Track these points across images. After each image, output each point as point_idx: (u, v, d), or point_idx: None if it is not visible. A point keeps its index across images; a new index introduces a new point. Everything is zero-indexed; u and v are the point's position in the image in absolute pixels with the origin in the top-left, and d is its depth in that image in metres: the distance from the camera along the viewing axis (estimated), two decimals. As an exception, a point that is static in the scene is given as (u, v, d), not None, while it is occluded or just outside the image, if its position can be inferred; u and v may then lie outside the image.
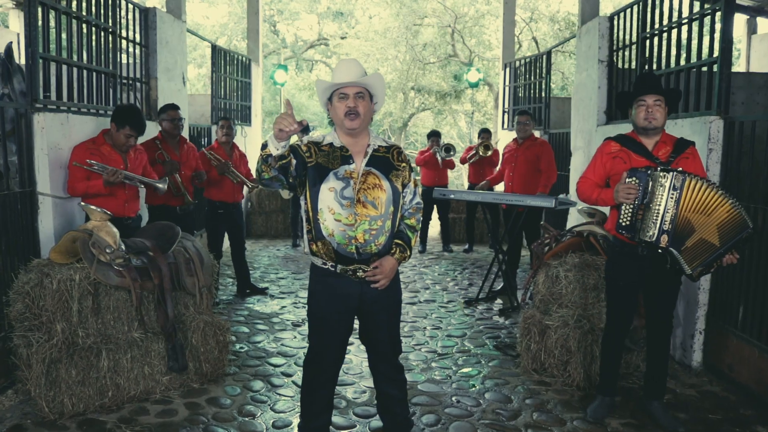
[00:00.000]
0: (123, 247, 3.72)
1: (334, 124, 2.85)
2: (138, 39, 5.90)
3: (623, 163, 3.41)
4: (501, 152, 8.79)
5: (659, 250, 3.25)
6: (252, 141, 10.05)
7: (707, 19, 4.45)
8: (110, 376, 3.59)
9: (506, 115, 10.42)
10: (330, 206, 2.71)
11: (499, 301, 6.19)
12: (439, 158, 8.45)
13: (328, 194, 2.71)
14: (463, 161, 8.74)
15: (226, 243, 7.32)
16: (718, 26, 4.26)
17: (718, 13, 4.26)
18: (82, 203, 3.81)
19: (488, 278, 6.34)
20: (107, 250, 3.61)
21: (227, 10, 21.49)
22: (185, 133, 6.50)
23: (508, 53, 10.87)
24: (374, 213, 2.73)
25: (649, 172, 3.22)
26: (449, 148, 8.52)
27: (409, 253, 2.88)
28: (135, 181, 4.41)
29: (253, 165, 9.39)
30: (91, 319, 3.55)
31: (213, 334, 4.01)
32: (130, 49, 5.79)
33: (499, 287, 6.37)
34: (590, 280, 4.08)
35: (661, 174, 3.18)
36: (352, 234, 2.70)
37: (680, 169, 3.20)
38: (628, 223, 3.28)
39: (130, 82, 5.80)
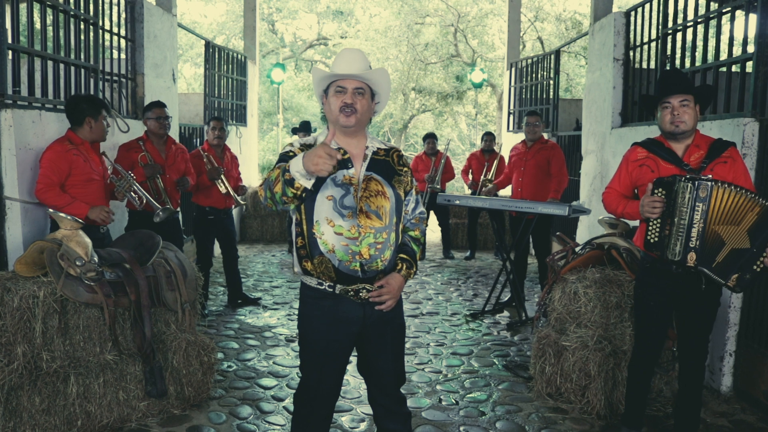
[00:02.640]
0: (96, 258, 3.34)
1: (327, 120, 2.48)
2: (123, 32, 5.53)
3: (650, 171, 3.05)
4: (506, 154, 8.53)
5: (691, 270, 2.89)
6: (247, 142, 9.69)
7: (730, 14, 4.10)
8: (80, 403, 3.22)
9: (511, 117, 10.06)
10: (329, 217, 2.34)
11: (505, 313, 5.82)
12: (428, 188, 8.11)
13: (326, 204, 2.34)
14: (467, 181, 8.30)
15: (218, 248, 6.98)
16: (753, 21, 3.90)
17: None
18: (51, 210, 3.43)
19: (494, 289, 5.98)
20: (77, 263, 3.24)
21: (225, 9, 21.14)
22: (174, 134, 6.14)
23: (513, 53, 10.53)
24: (379, 224, 2.37)
25: (674, 181, 2.86)
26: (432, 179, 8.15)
27: (415, 269, 2.53)
28: (132, 195, 4.31)
29: (246, 166, 9.04)
30: (58, 340, 3.17)
31: (196, 355, 3.64)
32: (115, 43, 5.42)
33: (505, 299, 6.00)
34: (612, 297, 3.70)
35: (684, 185, 2.82)
36: (355, 249, 2.33)
37: (708, 177, 2.84)
38: (656, 239, 2.92)
39: (115, 77, 5.43)
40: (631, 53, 5.78)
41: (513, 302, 5.83)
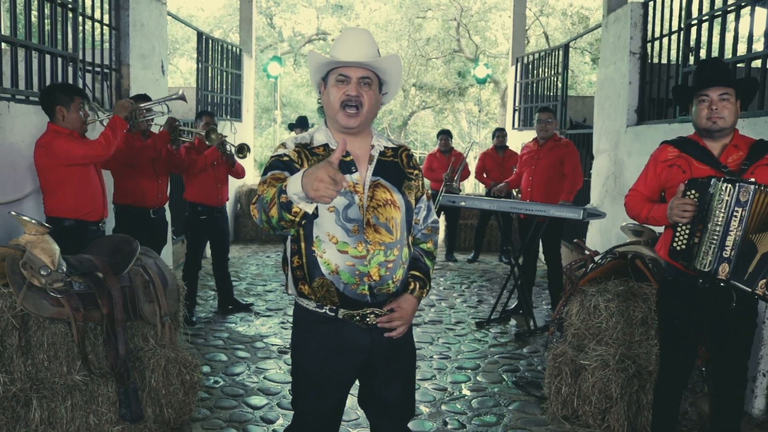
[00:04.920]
0: (64, 267, 2.99)
1: (324, 114, 2.11)
2: (107, 20, 5.16)
3: (682, 172, 2.71)
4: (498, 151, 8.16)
5: (721, 284, 2.56)
6: (242, 138, 9.31)
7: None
8: (44, 430, 2.86)
9: (516, 114, 9.72)
10: (331, 233, 1.95)
11: (513, 322, 5.48)
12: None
13: (328, 216, 1.95)
14: (487, 184, 7.91)
15: (208, 250, 6.64)
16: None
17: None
18: (13, 213, 3.08)
19: (501, 296, 5.63)
20: (42, 272, 2.89)
21: (223, 2, 20.75)
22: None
23: (519, 48, 10.18)
24: (389, 239, 2.00)
25: (711, 183, 2.53)
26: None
27: (428, 288, 2.17)
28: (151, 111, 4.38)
29: (242, 162, 8.65)
30: (18, 360, 2.82)
31: (177, 373, 3.29)
32: (98, 31, 5.06)
33: (512, 306, 5.65)
34: (637, 312, 3.36)
35: (722, 186, 2.49)
36: (364, 270, 1.96)
37: (751, 180, 2.51)
38: (683, 247, 2.59)
39: (97, 68, 5.07)
40: (649, 46, 5.44)
41: (520, 310, 5.49)
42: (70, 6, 4.51)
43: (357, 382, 2.23)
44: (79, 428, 2.98)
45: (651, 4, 5.33)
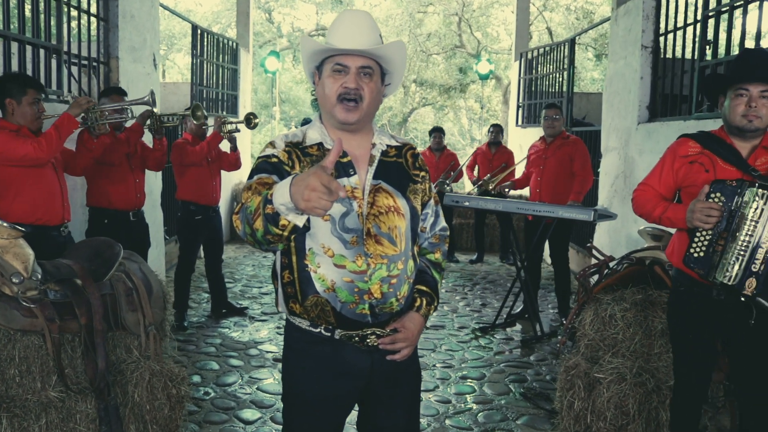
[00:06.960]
0: (39, 274, 2.76)
1: (318, 107, 1.88)
2: (95, 10, 4.92)
3: (704, 171, 2.48)
4: (512, 150, 8.00)
5: (741, 298, 2.34)
6: (239, 135, 9.04)
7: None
8: (16, 450, 2.65)
9: (520, 111, 9.49)
10: (326, 245, 1.72)
11: (518, 326, 5.26)
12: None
13: (322, 226, 1.72)
14: (471, 177, 7.74)
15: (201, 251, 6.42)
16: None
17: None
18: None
19: (506, 300, 5.41)
20: (14, 279, 2.66)
21: (221, -3, 20.50)
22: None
23: (522, 43, 9.95)
24: (392, 251, 1.76)
25: (741, 187, 2.31)
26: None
27: (437, 304, 1.94)
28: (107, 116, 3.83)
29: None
30: (-14, 376, 2.60)
31: (163, 387, 3.05)
32: (84, 22, 4.82)
33: (517, 310, 5.43)
34: (656, 323, 3.14)
35: (759, 192, 2.27)
36: (364, 286, 1.73)
37: None
38: (701, 254, 2.38)
39: (84, 61, 4.83)
40: (662, 40, 5.20)
41: (526, 314, 5.27)
42: (53, -6, 4.28)
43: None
44: (55, 448, 2.75)
45: (665, -5, 5.11)
